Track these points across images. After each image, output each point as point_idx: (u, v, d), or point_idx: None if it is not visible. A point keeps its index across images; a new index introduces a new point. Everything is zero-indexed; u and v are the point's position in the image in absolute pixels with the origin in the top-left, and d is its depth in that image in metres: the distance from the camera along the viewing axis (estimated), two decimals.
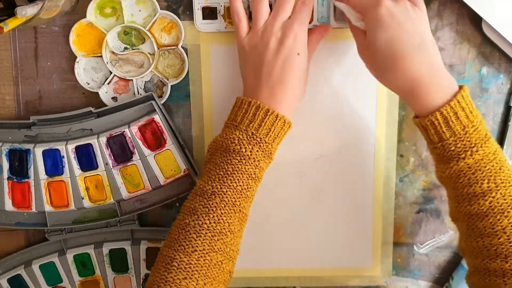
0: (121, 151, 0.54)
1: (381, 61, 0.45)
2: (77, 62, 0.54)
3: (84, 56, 0.54)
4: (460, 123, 0.43)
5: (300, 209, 0.58)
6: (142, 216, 0.58)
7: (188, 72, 0.55)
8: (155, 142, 0.54)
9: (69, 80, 0.55)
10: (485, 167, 0.43)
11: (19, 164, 0.54)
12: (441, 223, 0.58)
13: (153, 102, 0.53)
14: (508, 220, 0.42)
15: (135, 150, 0.53)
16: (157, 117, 0.53)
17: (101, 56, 0.54)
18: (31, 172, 0.54)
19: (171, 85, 0.55)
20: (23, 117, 0.56)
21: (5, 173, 0.54)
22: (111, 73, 0.55)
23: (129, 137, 0.53)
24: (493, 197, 0.42)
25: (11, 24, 0.43)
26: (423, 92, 0.44)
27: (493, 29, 0.51)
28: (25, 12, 0.43)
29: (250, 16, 0.51)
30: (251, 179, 0.47)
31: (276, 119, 0.47)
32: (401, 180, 0.57)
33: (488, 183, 0.42)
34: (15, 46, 0.55)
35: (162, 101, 0.55)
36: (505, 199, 0.42)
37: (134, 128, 0.53)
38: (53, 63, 0.55)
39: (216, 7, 0.53)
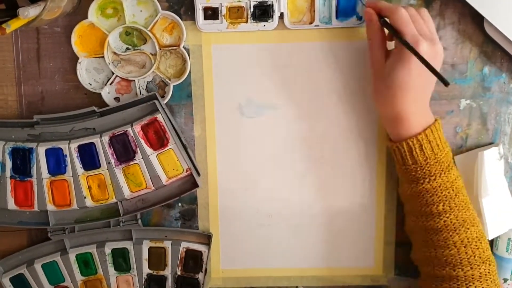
0: (124, 150, 0.54)
1: (386, 85, 0.48)
2: (79, 63, 0.54)
3: (86, 57, 0.54)
4: (423, 154, 0.49)
5: (302, 209, 0.58)
6: (144, 215, 0.58)
7: (190, 72, 0.55)
8: (158, 141, 0.54)
9: (71, 81, 0.55)
10: (442, 192, 0.49)
11: (22, 162, 0.54)
12: None
13: (156, 101, 0.53)
14: (458, 236, 0.49)
15: (138, 149, 0.54)
16: (160, 116, 0.53)
17: (103, 57, 0.54)
18: (33, 171, 0.54)
19: (173, 85, 0.55)
20: (26, 117, 0.56)
21: (8, 172, 0.54)
22: (113, 73, 0.55)
23: (132, 136, 0.53)
24: (447, 217, 0.49)
25: (13, 25, 0.43)
26: (402, 124, 0.49)
27: (495, 28, 0.51)
28: (27, 13, 0.43)
29: None
30: None
31: None
32: None
33: (443, 206, 0.49)
34: (17, 47, 0.55)
35: (164, 101, 0.55)
36: (457, 220, 0.49)
37: (137, 127, 0.53)
38: (55, 64, 0.55)
39: (217, 7, 0.53)
